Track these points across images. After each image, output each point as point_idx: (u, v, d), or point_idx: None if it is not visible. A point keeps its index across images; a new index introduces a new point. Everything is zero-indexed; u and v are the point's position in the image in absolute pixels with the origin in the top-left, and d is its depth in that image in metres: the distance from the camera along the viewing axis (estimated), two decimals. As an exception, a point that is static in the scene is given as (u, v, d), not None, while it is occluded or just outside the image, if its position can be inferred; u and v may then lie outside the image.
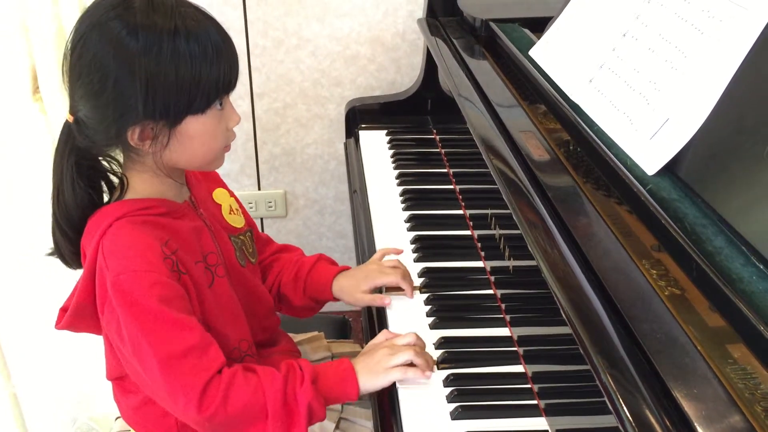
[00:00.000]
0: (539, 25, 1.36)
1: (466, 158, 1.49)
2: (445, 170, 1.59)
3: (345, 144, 1.83)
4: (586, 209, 0.91)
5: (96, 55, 0.87)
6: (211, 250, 1.02)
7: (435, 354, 1.07)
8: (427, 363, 1.02)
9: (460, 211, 1.43)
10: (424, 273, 1.25)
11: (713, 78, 0.88)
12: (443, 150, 1.66)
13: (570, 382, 0.91)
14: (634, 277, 0.78)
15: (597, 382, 0.71)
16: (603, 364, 0.71)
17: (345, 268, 1.21)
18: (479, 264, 1.28)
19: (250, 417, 0.93)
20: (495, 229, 1.22)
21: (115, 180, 0.99)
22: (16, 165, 1.63)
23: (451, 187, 1.52)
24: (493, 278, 1.23)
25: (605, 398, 0.69)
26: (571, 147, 1.06)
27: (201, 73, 0.88)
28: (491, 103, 1.25)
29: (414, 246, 1.33)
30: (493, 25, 1.50)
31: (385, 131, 1.77)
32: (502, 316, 1.15)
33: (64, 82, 0.92)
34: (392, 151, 1.67)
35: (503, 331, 1.12)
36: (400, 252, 1.28)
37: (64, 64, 0.90)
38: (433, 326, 1.14)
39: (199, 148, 0.95)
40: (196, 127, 0.92)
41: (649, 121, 0.95)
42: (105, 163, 0.99)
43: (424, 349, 1.04)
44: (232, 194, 1.16)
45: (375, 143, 1.73)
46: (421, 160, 1.64)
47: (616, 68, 1.08)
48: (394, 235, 1.37)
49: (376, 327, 1.16)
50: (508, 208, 1.00)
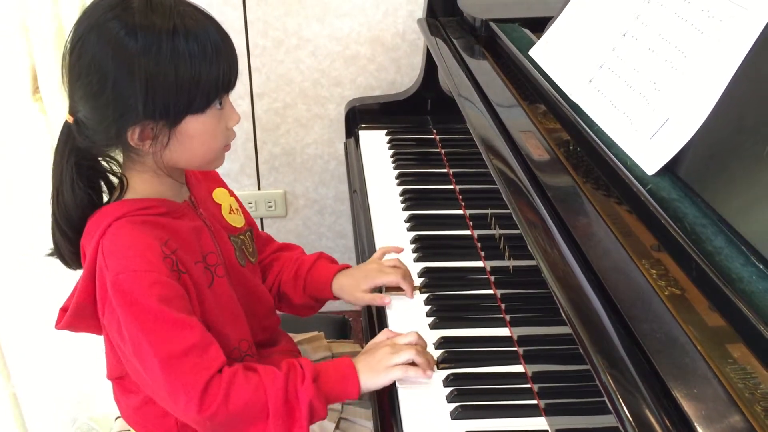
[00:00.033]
0: (539, 25, 1.36)
1: (466, 158, 1.49)
2: (445, 170, 1.59)
3: (345, 144, 1.83)
4: (586, 209, 0.91)
5: (95, 56, 0.87)
6: (210, 250, 1.02)
7: (435, 354, 1.07)
8: (429, 362, 1.02)
9: (460, 211, 1.43)
10: (424, 273, 1.25)
11: (713, 78, 0.88)
12: (443, 150, 1.66)
13: (570, 382, 0.91)
14: (634, 277, 0.78)
15: (597, 382, 0.71)
16: (603, 364, 0.71)
17: (345, 267, 1.21)
18: (479, 264, 1.28)
19: (251, 416, 0.93)
20: (495, 229, 1.22)
21: (115, 180, 0.99)
22: (16, 165, 1.63)
23: (451, 187, 1.52)
24: (493, 278, 1.23)
25: (605, 398, 0.69)
26: (571, 147, 1.06)
27: (200, 72, 0.88)
28: (491, 103, 1.25)
29: (414, 246, 1.33)
30: (493, 25, 1.50)
31: (385, 131, 1.77)
32: (501, 316, 1.15)
33: (63, 83, 0.92)
34: (392, 151, 1.67)
35: (503, 331, 1.12)
36: (400, 251, 1.28)
37: (63, 64, 0.90)
38: (432, 326, 1.14)
39: (199, 147, 0.95)
40: (196, 127, 0.92)
41: (649, 121, 0.95)
42: (104, 163, 0.99)
43: (425, 348, 1.04)
44: (232, 194, 1.16)
45: (375, 143, 1.73)
46: (420, 160, 1.64)
47: (616, 68, 1.08)
48: (394, 235, 1.37)
49: (376, 327, 1.16)
50: (507, 208, 1.00)
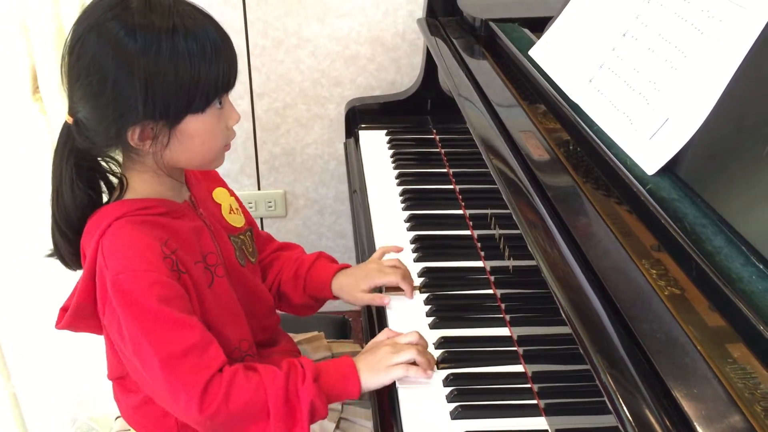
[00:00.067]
0: (539, 25, 1.36)
1: (466, 158, 1.49)
2: (445, 170, 1.59)
3: (345, 144, 1.83)
4: (586, 209, 0.91)
5: (95, 56, 0.87)
6: (210, 250, 1.02)
7: (435, 354, 1.07)
8: (429, 362, 1.02)
9: (460, 211, 1.43)
10: (423, 273, 1.25)
11: (713, 78, 0.88)
12: (443, 150, 1.66)
13: (570, 381, 0.91)
14: (634, 277, 0.78)
15: (597, 381, 0.71)
16: (603, 364, 0.71)
17: (345, 267, 1.21)
18: (479, 264, 1.28)
19: (251, 415, 0.93)
20: (495, 228, 1.22)
21: (115, 180, 0.99)
22: (16, 165, 1.63)
23: (451, 187, 1.52)
24: (492, 278, 1.23)
25: (605, 398, 0.69)
26: (571, 147, 1.06)
27: (200, 72, 0.88)
28: (491, 103, 1.25)
29: (414, 246, 1.33)
30: (492, 24, 1.50)
31: (385, 131, 1.77)
32: (501, 316, 1.15)
33: (62, 83, 0.92)
34: (392, 151, 1.67)
35: (503, 331, 1.12)
36: (400, 250, 1.28)
37: (63, 65, 0.90)
38: (432, 326, 1.14)
39: (199, 147, 0.95)
40: (196, 126, 0.92)
41: (649, 120, 0.95)
42: (104, 163, 0.99)
43: (426, 348, 1.04)
44: (232, 193, 1.16)
45: (375, 143, 1.73)
46: (420, 160, 1.64)
47: (615, 68, 1.08)
48: (394, 234, 1.37)
49: (376, 327, 1.16)
50: (507, 208, 1.00)
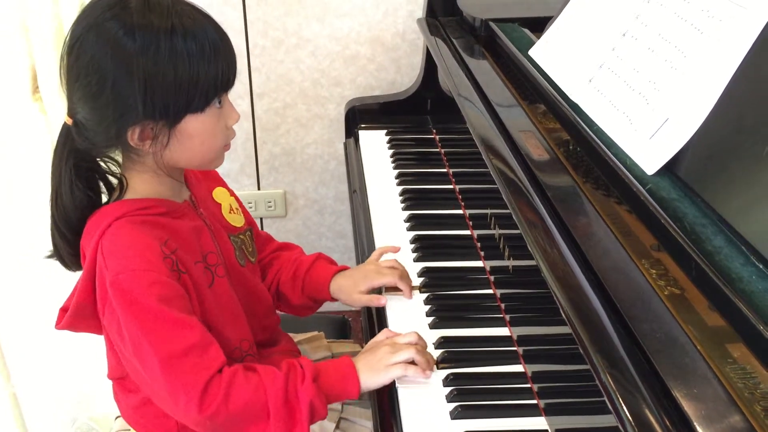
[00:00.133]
0: (539, 25, 1.36)
1: (466, 158, 1.49)
2: (445, 170, 1.59)
3: (345, 144, 1.83)
4: (586, 209, 0.91)
5: (93, 57, 0.87)
6: (210, 250, 1.02)
7: (435, 354, 1.07)
8: (428, 362, 1.02)
9: (460, 211, 1.43)
10: (423, 273, 1.25)
11: (713, 78, 0.88)
12: (443, 150, 1.66)
13: (570, 381, 0.91)
14: (634, 277, 0.78)
15: (597, 381, 0.71)
16: (603, 364, 0.71)
17: (344, 268, 1.21)
18: (479, 264, 1.28)
19: (251, 416, 0.93)
20: (494, 228, 1.22)
21: (114, 181, 0.99)
22: (16, 165, 1.63)
23: (451, 186, 1.52)
24: (492, 278, 1.23)
25: (605, 398, 0.69)
26: (571, 147, 1.06)
27: (199, 71, 0.88)
28: (491, 103, 1.25)
29: (414, 246, 1.33)
30: (492, 24, 1.50)
31: (385, 131, 1.77)
32: (501, 316, 1.15)
33: (61, 84, 0.92)
34: (392, 151, 1.67)
35: (503, 331, 1.12)
36: (397, 250, 1.27)
37: (62, 66, 0.90)
38: (432, 326, 1.14)
39: (199, 146, 0.95)
40: (196, 126, 0.92)
41: (649, 120, 0.95)
42: (103, 164, 0.99)
43: (425, 348, 1.04)
44: (232, 193, 1.16)
45: (375, 143, 1.73)
46: (420, 160, 1.64)
47: (615, 68, 1.08)
48: (394, 234, 1.37)
49: (376, 327, 1.16)
50: (507, 208, 1.00)
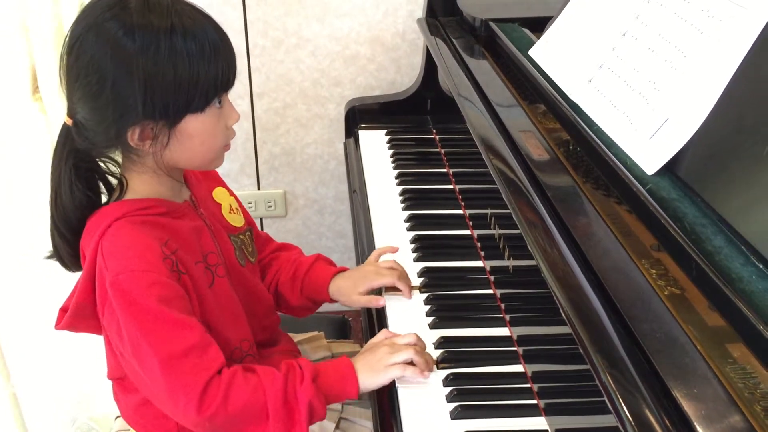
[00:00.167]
0: (539, 25, 1.36)
1: (466, 158, 1.49)
2: (445, 170, 1.59)
3: (345, 144, 1.83)
4: (586, 209, 0.91)
5: (93, 57, 0.87)
6: (211, 250, 1.02)
7: (434, 354, 1.07)
8: (427, 363, 1.02)
9: (460, 211, 1.43)
10: (423, 273, 1.25)
11: (713, 78, 0.88)
12: (443, 150, 1.66)
13: (570, 381, 0.91)
14: (634, 277, 0.78)
15: (597, 381, 0.71)
16: (603, 364, 0.71)
17: (343, 269, 1.21)
18: (479, 264, 1.28)
19: (250, 417, 0.93)
20: (495, 228, 1.22)
21: (114, 181, 0.99)
22: (16, 165, 1.63)
23: (451, 186, 1.52)
24: (492, 278, 1.23)
25: (605, 398, 0.69)
26: (571, 147, 1.06)
27: (199, 71, 0.88)
28: (491, 103, 1.25)
29: (414, 246, 1.33)
30: (492, 24, 1.50)
31: (385, 131, 1.77)
32: (501, 316, 1.15)
33: (61, 84, 0.91)
34: (392, 151, 1.67)
35: (503, 331, 1.12)
36: (395, 250, 1.26)
37: (61, 66, 0.90)
38: (432, 326, 1.13)
39: (199, 147, 0.95)
40: (196, 126, 0.92)
41: (649, 120, 0.95)
42: (103, 164, 0.99)
43: (424, 349, 1.04)
44: (231, 193, 1.16)
45: (375, 143, 1.73)
46: (420, 160, 1.64)
47: (615, 68, 1.08)
48: (394, 234, 1.37)
49: (376, 327, 1.16)
50: (507, 208, 1.00)
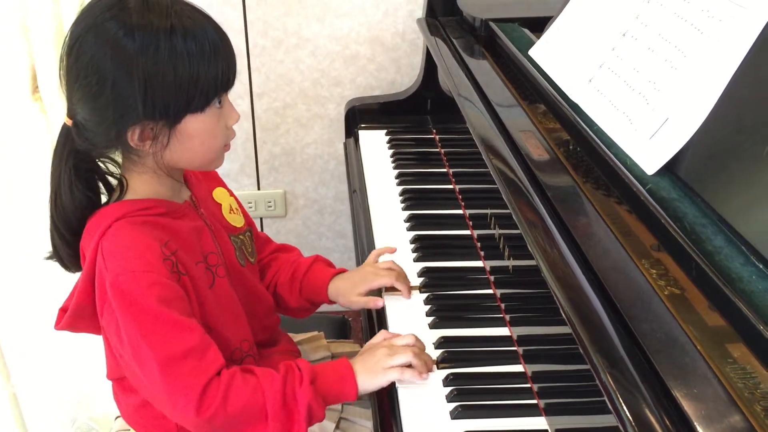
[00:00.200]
0: (539, 25, 1.36)
1: (466, 158, 1.49)
2: (445, 170, 1.59)
3: (345, 144, 1.83)
4: (586, 209, 0.91)
5: (93, 57, 0.87)
6: (211, 250, 1.02)
7: (434, 354, 1.07)
8: (426, 364, 1.02)
9: (460, 211, 1.43)
10: (423, 273, 1.25)
11: (713, 78, 0.88)
12: (443, 150, 1.66)
13: (570, 381, 0.91)
14: (634, 277, 0.78)
15: (597, 381, 0.71)
16: (603, 364, 0.71)
17: (341, 271, 1.20)
18: (479, 264, 1.28)
19: (249, 418, 0.93)
20: (494, 228, 1.22)
21: (114, 182, 0.99)
22: (16, 165, 1.63)
23: (451, 186, 1.52)
24: (492, 278, 1.23)
25: (605, 398, 0.69)
26: (571, 147, 1.06)
27: (199, 71, 0.88)
28: (491, 103, 1.25)
29: (413, 246, 1.33)
30: (492, 24, 1.50)
31: (385, 131, 1.77)
32: (501, 316, 1.15)
33: (61, 85, 0.91)
34: (392, 151, 1.67)
35: (503, 331, 1.12)
36: (393, 250, 1.26)
37: (61, 66, 0.90)
38: (432, 326, 1.13)
39: (199, 147, 0.95)
40: (196, 126, 0.92)
41: (649, 120, 0.95)
42: (102, 165, 0.99)
43: (423, 350, 1.04)
44: (231, 194, 1.16)
45: (375, 143, 1.73)
46: (420, 160, 1.64)
47: (615, 68, 1.08)
48: (394, 234, 1.37)
49: (376, 327, 1.16)
50: (507, 208, 1.00)
